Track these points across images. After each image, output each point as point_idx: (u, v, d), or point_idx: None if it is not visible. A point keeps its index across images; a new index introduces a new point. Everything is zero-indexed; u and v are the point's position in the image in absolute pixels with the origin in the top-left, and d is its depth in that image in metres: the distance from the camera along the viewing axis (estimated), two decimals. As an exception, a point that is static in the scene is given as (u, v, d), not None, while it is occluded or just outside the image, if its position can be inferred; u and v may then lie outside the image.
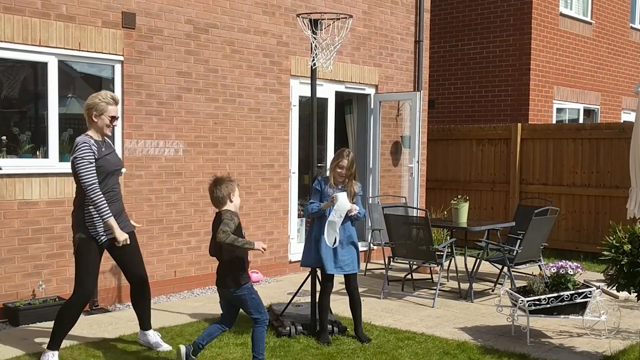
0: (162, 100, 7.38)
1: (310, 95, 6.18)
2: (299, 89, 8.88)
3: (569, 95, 13.77)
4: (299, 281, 7.01)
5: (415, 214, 8.28)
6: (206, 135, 7.81)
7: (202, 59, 7.71)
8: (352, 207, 5.57)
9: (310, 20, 5.94)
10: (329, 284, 5.79)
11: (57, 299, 6.42)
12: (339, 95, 9.71)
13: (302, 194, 9.25)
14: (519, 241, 7.48)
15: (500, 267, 7.79)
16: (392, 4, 10.13)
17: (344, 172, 5.70)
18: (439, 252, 7.38)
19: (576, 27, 13.89)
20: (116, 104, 5.15)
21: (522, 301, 5.78)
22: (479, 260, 7.85)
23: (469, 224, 7.98)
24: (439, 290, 7.41)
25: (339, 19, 6.18)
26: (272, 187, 8.59)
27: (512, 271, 7.56)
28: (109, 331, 5.93)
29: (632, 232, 5.23)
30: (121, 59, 7.02)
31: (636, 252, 5.12)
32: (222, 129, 7.97)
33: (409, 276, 8.04)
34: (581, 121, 14.23)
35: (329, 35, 6.07)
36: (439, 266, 7.35)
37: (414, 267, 8.08)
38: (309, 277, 6.05)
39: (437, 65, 13.43)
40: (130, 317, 6.29)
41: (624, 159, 9.41)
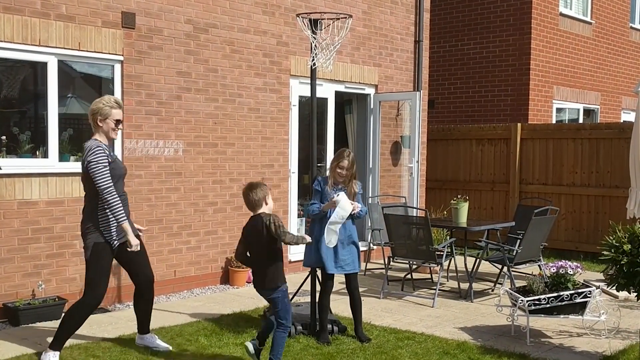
0: (162, 100, 7.38)
1: (310, 95, 6.17)
2: (299, 89, 8.87)
3: (569, 95, 13.77)
4: (298, 281, 7.01)
5: (415, 214, 8.28)
6: (206, 135, 7.81)
7: (201, 58, 7.71)
8: (354, 205, 5.56)
9: (310, 20, 5.94)
10: (329, 283, 5.79)
11: (56, 299, 6.42)
12: (339, 95, 9.71)
13: (302, 194, 9.25)
14: (519, 241, 7.49)
15: (500, 267, 7.79)
16: (392, 3, 10.13)
17: (344, 173, 5.69)
18: (439, 252, 7.38)
19: (576, 27, 13.89)
20: (120, 108, 5.20)
21: (521, 301, 5.78)
22: (478, 260, 7.85)
23: (469, 224, 7.98)
24: (439, 290, 7.41)
25: (338, 19, 6.18)
26: (272, 187, 8.58)
27: (512, 271, 7.56)
28: (108, 331, 5.93)
29: (632, 232, 5.23)
30: (121, 58, 7.02)
31: (636, 251, 5.12)
32: (222, 128, 7.98)
33: (409, 276, 8.04)
34: (581, 121, 14.23)
35: (329, 35, 6.07)
36: (439, 266, 7.34)
37: (414, 267, 8.08)
38: (309, 277, 6.05)
39: (436, 65, 13.43)
40: (129, 317, 6.30)
41: (623, 159, 9.41)
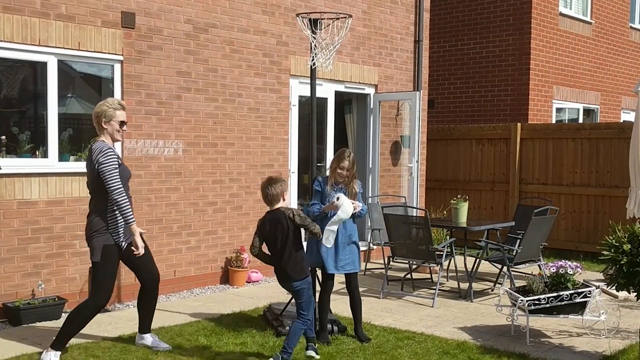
0: (162, 99, 7.38)
1: (309, 94, 6.17)
2: (299, 89, 8.87)
3: (569, 95, 13.77)
4: (298, 281, 7.00)
5: (414, 214, 8.29)
6: (206, 134, 7.81)
7: (201, 58, 7.71)
8: (354, 205, 5.55)
9: (309, 19, 5.94)
10: (329, 282, 5.79)
11: (56, 299, 6.41)
12: (339, 94, 9.71)
13: (302, 194, 9.25)
14: (519, 241, 7.49)
15: (499, 266, 7.79)
16: (392, 3, 10.12)
17: (345, 173, 5.69)
18: (439, 252, 7.38)
19: (576, 27, 13.89)
20: (124, 109, 5.22)
21: (521, 301, 5.78)
22: (478, 260, 7.85)
23: (469, 224, 7.98)
24: (439, 290, 7.41)
25: (338, 19, 6.17)
26: (272, 187, 8.57)
27: (512, 271, 7.56)
28: (108, 331, 5.93)
29: (632, 232, 5.22)
30: (121, 58, 7.02)
31: (635, 251, 5.12)
32: (222, 128, 7.97)
33: (409, 276, 8.04)
34: (581, 121, 14.23)
35: (329, 34, 6.06)
36: (439, 266, 7.34)
37: (414, 266, 8.08)
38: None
39: (436, 65, 13.42)
40: (129, 316, 6.30)
41: (623, 159, 9.41)
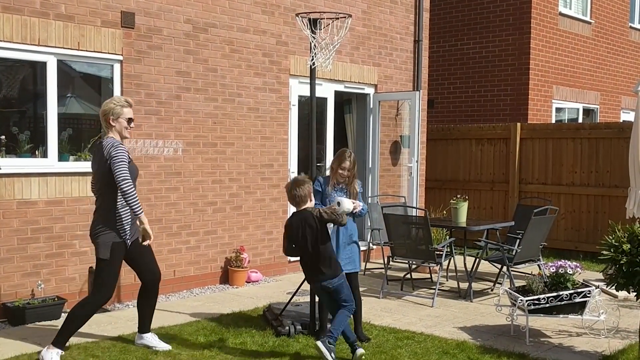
0: (161, 99, 7.38)
1: (309, 94, 6.17)
2: (298, 89, 8.87)
3: (568, 94, 13.77)
4: (298, 281, 7.00)
5: (414, 214, 8.28)
6: (205, 134, 7.81)
7: (201, 58, 7.71)
8: (355, 204, 5.55)
9: (309, 19, 5.93)
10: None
11: (56, 299, 6.41)
12: (338, 94, 9.71)
13: (302, 194, 9.23)
14: (518, 241, 7.49)
15: (499, 266, 7.79)
16: (392, 3, 10.12)
17: (346, 173, 5.68)
18: (438, 252, 7.38)
19: (575, 27, 13.89)
20: (131, 107, 5.26)
21: (521, 301, 5.78)
22: (478, 259, 7.85)
23: (468, 224, 7.98)
24: (438, 289, 7.41)
25: (338, 19, 6.17)
26: (271, 187, 8.59)
27: (512, 271, 7.56)
28: (108, 331, 5.92)
29: (631, 232, 5.23)
30: (120, 58, 7.02)
31: (635, 251, 5.12)
32: (221, 128, 7.97)
33: (408, 276, 8.04)
34: (580, 121, 14.22)
35: (328, 34, 6.06)
36: (438, 266, 7.34)
37: (413, 266, 8.08)
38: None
39: (436, 64, 13.42)
40: (129, 316, 6.30)
41: (623, 159, 9.41)
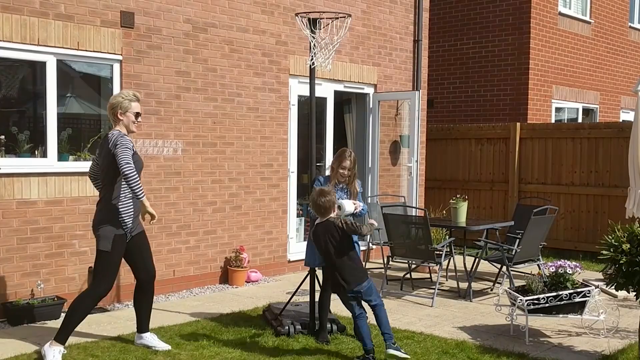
0: (161, 99, 7.37)
1: (309, 94, 6.17)
2: (298, 88, 8.87)
3: (568, 94, 13.77)
4: (297, 280, 7.00)
5: (414, 214, 8.28)
6: (205, 134, 7.81)
7: (200, 58, 7.71)
8: (355, 205, 5.55)
9: (309, 19, 5.93)
10: (329, 282, 5.76)
11: (55, 299, 6.41)
12: (338, 94, 9.71)
13: (301, 194, 9.24)
14: (518, 240, 7.48)
15: (499, 266, 7.79)
16: (391, 3, 10.12)
17: (346, 173, 5.68)
18: (438, 252, 7.37)
19: (575, 27, 13.89)
20: (138, 101, 5.31)
21: (520, 300, 5.78)
22: (477, 259, 7.85)
23: (468, 224, 7.98)
24: (438, 289, 7.41)
25: (337, 18, 6.17)
26: (271, 187, 8.59)
27: (511, 270, 7.56)
28: (107, 330, 5.92)
29: (631, 231, 5.22)
30: (120, 58, 7.02)
31: (635, 251, 5.12)
32: (221, 128, 7.97)
33: (408, 275, 8.04)
34: (580, 120, 14.23)
35: (328, 34, 6.06)
36: (438, 265, 7.34)
37: (413, 266, 8.08)
38: (308, 277, 6.05)
39: (436, 64, 13.42)
40: (128, 316, 6.29)
41: (622, 158, 9.41)
